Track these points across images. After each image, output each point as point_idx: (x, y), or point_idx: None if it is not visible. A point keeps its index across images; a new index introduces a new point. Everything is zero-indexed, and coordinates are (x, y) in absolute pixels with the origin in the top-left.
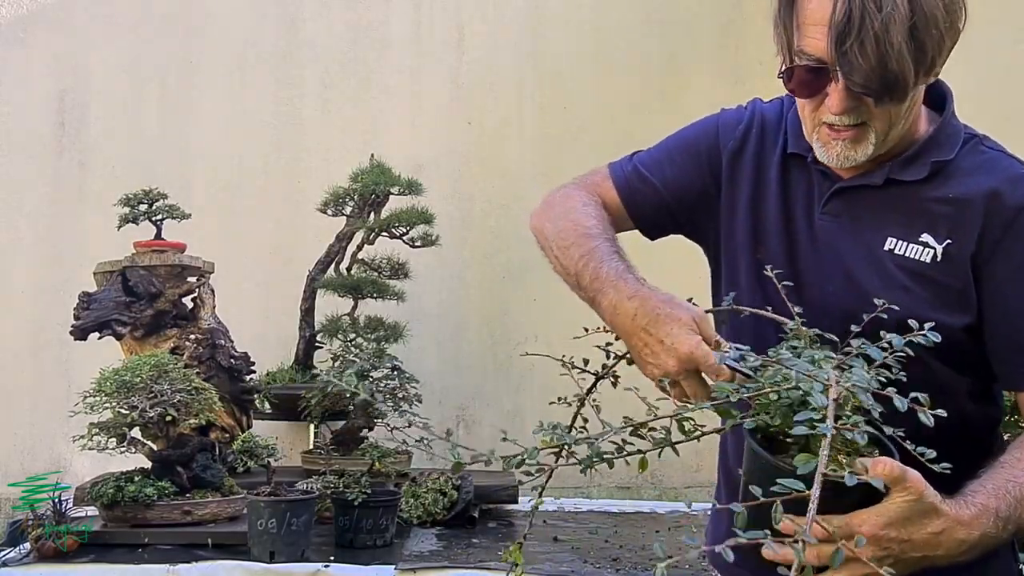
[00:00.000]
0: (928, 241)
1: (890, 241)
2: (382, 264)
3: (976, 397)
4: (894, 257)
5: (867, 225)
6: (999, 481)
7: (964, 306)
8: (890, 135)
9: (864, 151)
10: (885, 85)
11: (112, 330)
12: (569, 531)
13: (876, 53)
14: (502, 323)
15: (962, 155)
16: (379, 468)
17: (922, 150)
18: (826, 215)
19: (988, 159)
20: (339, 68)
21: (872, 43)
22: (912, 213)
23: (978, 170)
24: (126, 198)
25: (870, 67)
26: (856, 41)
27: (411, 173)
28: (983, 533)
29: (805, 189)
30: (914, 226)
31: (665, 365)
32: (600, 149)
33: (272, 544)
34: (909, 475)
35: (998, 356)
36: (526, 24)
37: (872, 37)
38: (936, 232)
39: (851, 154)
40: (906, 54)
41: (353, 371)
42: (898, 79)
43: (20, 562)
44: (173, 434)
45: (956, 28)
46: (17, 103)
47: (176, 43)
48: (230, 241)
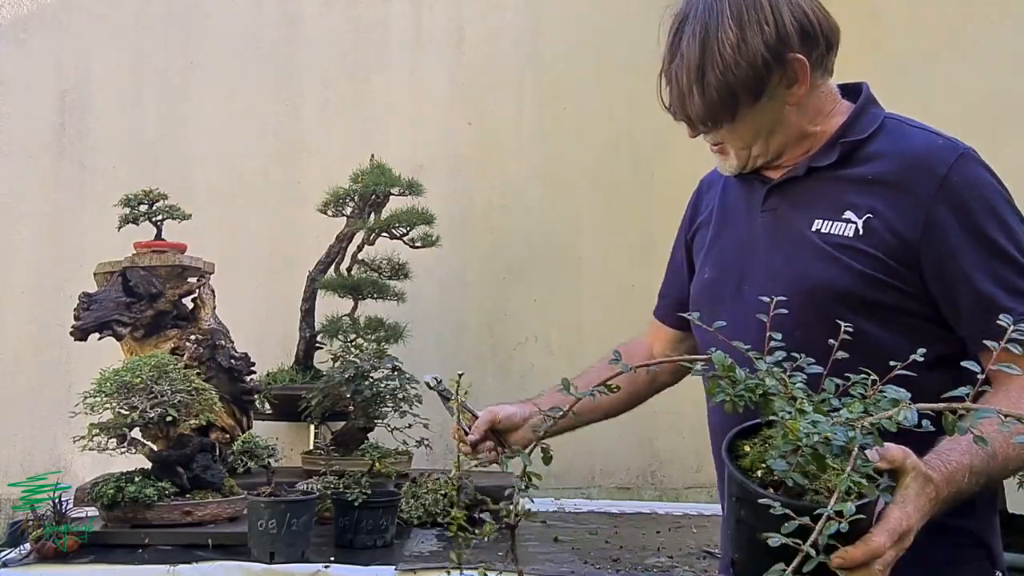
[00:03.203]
0: (850, 217)
1: (817, 222)
2: (382, 264)
3: (931, 366)
4: (821, 236)
5: (797, 212)
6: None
7: (891, 272)
8: (754, 151)
9: (730, 163)
10: (691, 116)
11: (112, 330)
12: (569, 531)
13: (675, 95)
14: (502, 323)
15: (880, 136)
16: (379, 468)
17: (835, 137)
18: (765, 212)
19: (907, 135)
20: (339, 68)
21: (675, 88)
22: (834, 195)
23: (900, 147)
24: (126, 199)
25: (676, 107)
26: (667, 87)
27: (411, 173)
28: (958, 489)
29: (747, 198)
30: (837, 207)
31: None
32: (600, 149)
33: (272, 544)
34: (908, 455)
35: (953, 320)
36: (526, 24)
37: (675, 84)
38: (857, 209)
39: (723, 165)
40: (696, 92)
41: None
42: (701, 110)
43: (20, 562)
44: (173, 434)
45: (770, 50)
46: (17, 103)
47: (176, 43)
48: (230, 241)
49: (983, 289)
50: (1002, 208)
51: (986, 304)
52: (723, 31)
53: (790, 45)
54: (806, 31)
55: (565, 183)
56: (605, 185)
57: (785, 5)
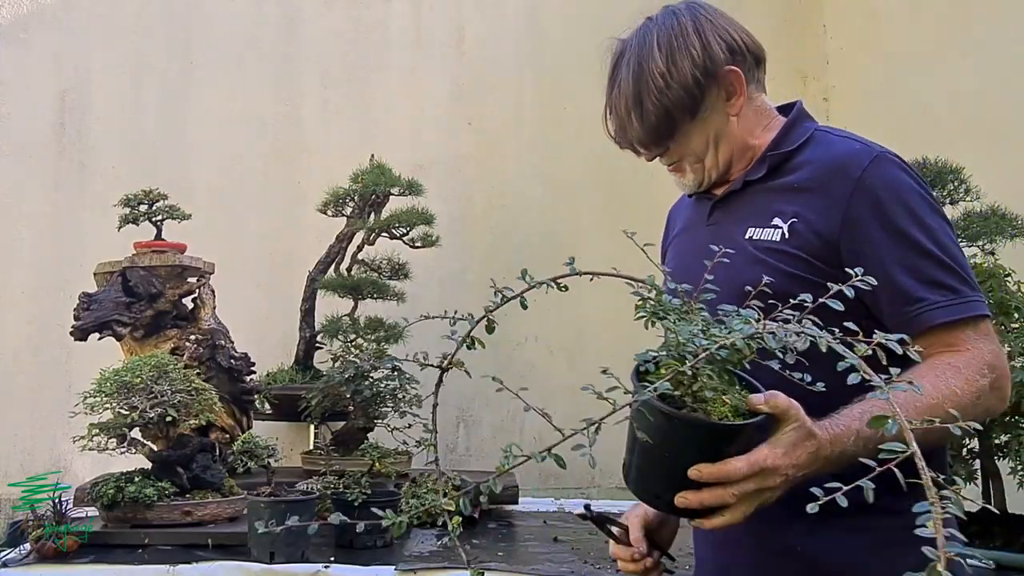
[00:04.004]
0: (777, 223)
1: (750, 230)
2: (382, 264)
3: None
4: (752, 242)
5: (733, 223)
6: (865, 406)
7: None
8: (707, 164)
9: (690, 179)
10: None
11: (112, 330)
12: (569, 531)
13: (616, 124)
14: (502, 323)
15: (808, 147)
16: (379, 468)
17: (766, 152)
18: (710, 226)
19: (830, 143)
20: (339, 68)
21: (615, 118)
22: (764, 204)
23: (822, 155)
24: (126, 199)
25: (619, 135)
26: (609, 117)
27: (411, 173)
28: (843, 450)
29: (698, 215)
30: (766, 215)
31: None
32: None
33: (272, 544)
34: (793, 406)
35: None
36: (526, 24)
37: (615, 114)
38: (783, 215)
39: (683, 181)
40: (633, 117)
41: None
42: (639, 138)
43: (20, 562)
44: (173, 435)
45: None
46: (17, 103)
47: (176, 43)
48: (230, 241)
49: (899, 281)
50: (916, 204)
51: (902, 295)
52: (653, 61)
53: (719, 62)
54: (732, 48)
55: (565, 183)
56: (605, 185)
57: (710, 31)
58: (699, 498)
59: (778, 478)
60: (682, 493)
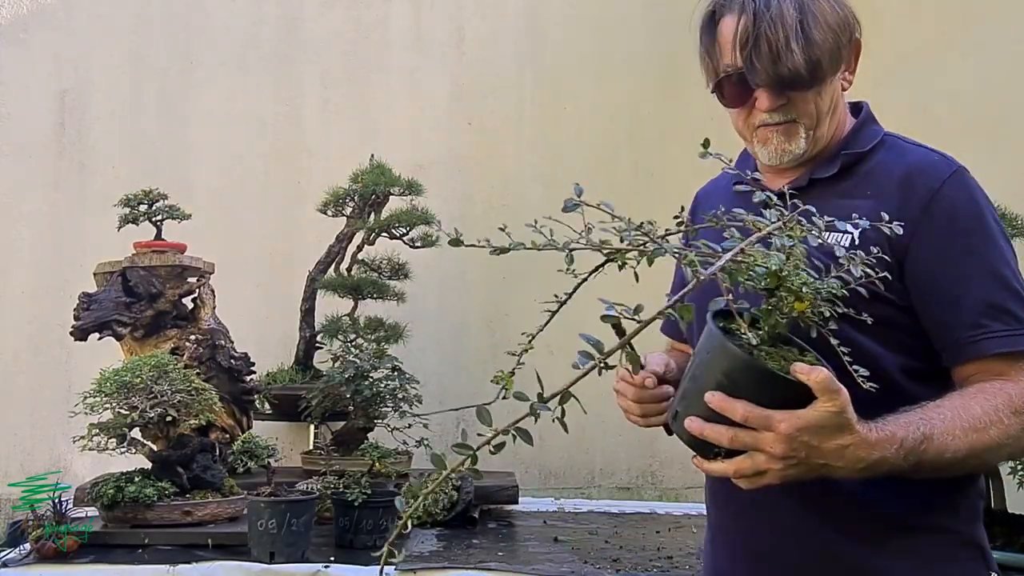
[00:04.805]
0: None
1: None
2: (382, 264)
3: (912, 375)
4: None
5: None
6: (912, 417)
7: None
8: (818, 132)
9: (798, 144)
10: (784, 78)
11: (112, 330)
12: (569, 531)
13: (770, 53)
14: (502, 323)
15: (880, 151)
16: (379, 468)
17: (837, 150)
18: None
19: (904, 150)
20: (339, 68)
21: (765, 45)
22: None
23: (894, 162)
24: (126, 198)
25: (766, 65)
26: (753, 46)
27: (411, 173)
28: (883, 456)
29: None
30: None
31: None
32: (600, 149)
33: (272, 544)
34: (837, 390)
35: (932, 332)
36: (526, 24)
37: (765, 40)
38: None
39: (787, 147)
40: (796, 49)
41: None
42: (798, 71)
43: (20, 562)
44: (173, 434)
45: (848, 24)
46: (17, 103)
47: (176, 43)
48: (230, 241)
49: (963, 302)
50: (990, 226)
51: (962, 317)
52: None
53: (855, 26)
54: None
55: (565, 183)
56: (605, 185)
57: None
58: (701, 426)
59: (780, 448)
60: (691, 416)
